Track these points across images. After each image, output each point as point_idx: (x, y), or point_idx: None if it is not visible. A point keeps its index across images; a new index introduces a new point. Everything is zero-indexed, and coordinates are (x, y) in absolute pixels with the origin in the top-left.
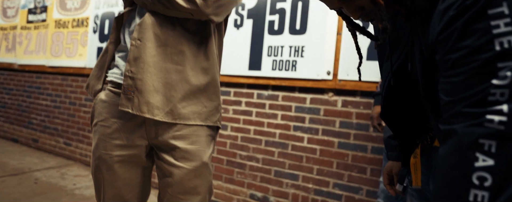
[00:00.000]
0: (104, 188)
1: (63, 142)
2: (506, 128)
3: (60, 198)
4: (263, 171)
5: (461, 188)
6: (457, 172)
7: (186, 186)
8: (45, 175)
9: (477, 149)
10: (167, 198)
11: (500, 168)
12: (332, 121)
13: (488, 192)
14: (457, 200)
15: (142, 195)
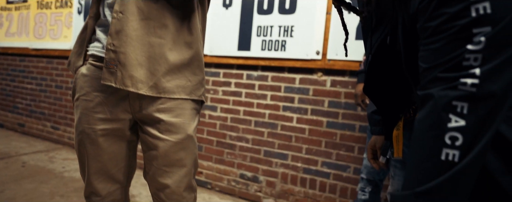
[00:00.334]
0: (88, 163)
1: (51, 126)
2: (477, 90)
3: (49, 181)
4: (252, 151)
5: (435, 148)
6: (431, 133)
7: (171, 159)
8: (32, 158)
9: (450, 111)
10: (153, 171)
11: (470, 128)
12: (321, 100)
13: (459, 151)
14: (431, 159)
15: (128, 170)
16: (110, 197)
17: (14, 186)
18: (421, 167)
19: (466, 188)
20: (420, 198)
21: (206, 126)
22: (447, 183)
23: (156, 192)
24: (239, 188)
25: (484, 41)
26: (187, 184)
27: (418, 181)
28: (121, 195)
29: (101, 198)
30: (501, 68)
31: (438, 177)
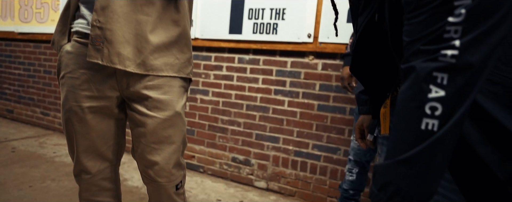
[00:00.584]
0: (77, 141)
1: (40, 112)
2: (457, 61)
3: (40, 165)
4: (244, 134)
5: (415, 118)
6: (412, 103)
7: (159, 136)
8: (22, 144)
9: (431, 82)
10: (141, 148)
11: (449, 98)
12: (312, 84)
13: (438, 120)
14: (411, 129)
15: (117, 148)
16: (100, 175)
17: (4, 170)
18: (402, 137)
19: (444, 156)
20: (400, 166)
21: (198, 110)
22: (426, 151)
23: (144, 170)
24: (231, 171)
25: (464, 13)
26: (175, 161)
27: (399, 150)
28: (111, 173)
29: (91, 176)
30: (480, 40)
31: (418, 145)
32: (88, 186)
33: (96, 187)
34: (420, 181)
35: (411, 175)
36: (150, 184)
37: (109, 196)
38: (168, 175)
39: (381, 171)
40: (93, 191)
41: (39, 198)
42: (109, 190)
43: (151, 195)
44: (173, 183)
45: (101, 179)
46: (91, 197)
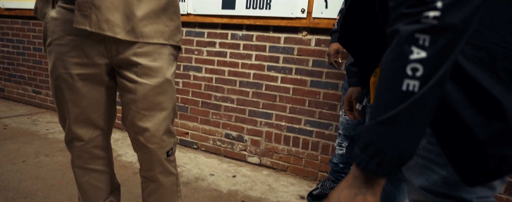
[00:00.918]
0: (68, 109)
1: (32, 90)
2: (439, 22)
3: (33, 142)
4: (237, 111)
5: (397, 79)
6: (394, 65)
7: (150, 102)
8: (15, 121)
9: (413, 43)
10: (132, 115)
11: (430, 60)
12: (305, 60)
13: (419, 81)
14: (393, 90)
15: (109, 116)
16: (92, 142)
17: None
18: (384, 98)
19: (424, 116)
20: (381, 127)
21: (191, 87)
22: (406, 111)
23: (135, 137)
24: (225, 147)
25: None
26: (166, 127)
27: (380, 111)
28: (103, 141)
29: (84, 143)
30: (461, 1)
31: (399, 106)
32: (80, 153)
33: (88, 154)
34: (400, 140)
35: (391, 135)
36: (141, 151)
37: (101, 165)
38: (159, 141)
39: (363, 132)
40: (85, 159)
41: (33, 172)
42: (101, 158)
43: (142, 162)
44: (164, 149)
45: (93, 147)
46: (84, 165)
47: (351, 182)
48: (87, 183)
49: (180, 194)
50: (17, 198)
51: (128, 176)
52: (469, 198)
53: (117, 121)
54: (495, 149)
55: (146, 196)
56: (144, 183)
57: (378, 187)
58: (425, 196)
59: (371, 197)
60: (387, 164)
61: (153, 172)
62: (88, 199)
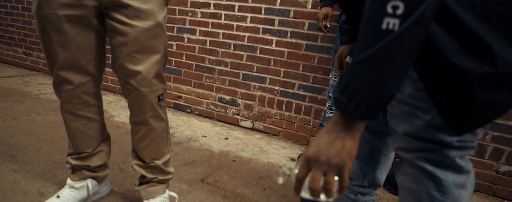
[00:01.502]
0: (56, 52)
1: (23, 52)
2: None
3: (25, 101)
4: (231, 75)
5: (377, 18)
6: (376, 4)
7: (142, 45)
8: (6, 82)
9: None
10: (122, 58)
11: None
12: (301, 23)
13: (399, 19)
14: (373, 29)
15: (98, 62)
16: (82, 87)
17: None
18: (364, 38)
19: (403, 55)
20: (359, 66)
21: (184, 50)
22: (384, 49)
23: (126, 80)
24: (218, 111)
25: None
26: (157, 71)
27: (360, 51)
28: (93, 88)
29: (73, 87)
30: None
31: (377, 45)
32: (69, 97)
33: (78, 100)
34: (378, 80)
35: (368, 74)
36: (131, 95)
37: (92, 112)
38: (151, 85)
39: (344, 74)
40: (75, 104)
41: (25, 129)
42: (91, 105)
43: (133, 107)
44: (155, 93)
45: (83, 93)
46: (73, 110)
47: (330, 128)
48: (77, 130)
49: (169, 142)
50: (9, 151)
51: (121, 135)
52: (450, 141)
53: (110, 84)
54: (483, 94)
55: (136, 141)
56: (135, 129)
57: (357, 132)
58: (409, 142)
59: (350, 141)
60: (364, 105)
61: (145, 116)
62: (78, 146)
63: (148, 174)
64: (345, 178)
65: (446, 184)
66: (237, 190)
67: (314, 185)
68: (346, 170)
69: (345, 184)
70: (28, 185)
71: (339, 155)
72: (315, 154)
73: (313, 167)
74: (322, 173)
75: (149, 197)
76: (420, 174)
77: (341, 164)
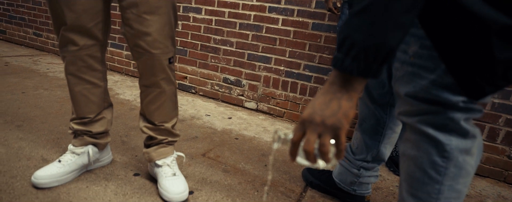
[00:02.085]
0: (63, 13)
1: (33, 33)
2: None
3: (33, 77)
4: (236, 54)
5: None
6: None
7: (151, 6)
8: (16, 60)
9: None
10: (132, 20)
11: None
12: (307, 0)
13: None
14: None
15: (104, 26)
16: (87, 50)
17: None
18: None
19: (403, 5)
20: (356, 17)
21: (190, 30)
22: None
23: (136, 43)
24: (222, 92)
25: None
26: (168, 32)
27: (357, 2)
28: (98, 52)
29: (78, 48)
30: None
31: None
32: (74, 59)
33: (83, 62)
34: (376, 31)
35: (365, 25)
36: (142, 57)
37: (96, 78)
38: (162, 46)
39: (341, 30)
40: (79, 66)
41: (32, 102)
42: (96, 70)
43: (143, 70)
44: (167, 55)
45: (88, 56)
46: (77, 73)
47: (327, 89)
48: (80, 94)
49: (177, 106)
50: (16, 121)
51: (125, 111)
52: (455, 101)
53: (117, 64)
54: (503, 51)
55: (146, 104)
56: (145, 92)
57: (355, 92)
58: (411, 104)
59: (347, 102)
60: (362, 59)
61: (156, 79)
62: (81, 111)
63: (157, 136)
64: (342, 140)
65: (449, 149)
66: (238, 165)
67: (308, 147)
68: (342, 132)
69: (342, 147)
70: (32, 152)
71: (334, 115)
72: (310, 115)
73: (308, 129)
74: (316, 135)
75: (161, 157)
76: (421, 139)
77: (336, 124)
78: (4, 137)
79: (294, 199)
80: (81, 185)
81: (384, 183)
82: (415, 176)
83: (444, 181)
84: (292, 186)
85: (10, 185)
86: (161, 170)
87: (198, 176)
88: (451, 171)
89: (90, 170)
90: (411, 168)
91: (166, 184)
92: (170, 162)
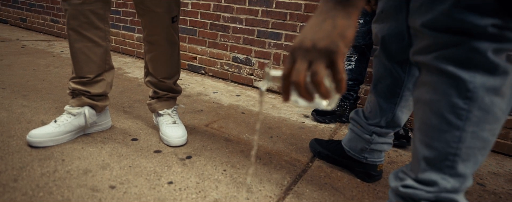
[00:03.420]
0: None
1: (50, 19)
2: None
3: (46, 57)
4: (246, 32)
5: None
6: None
7: None
8: (32, 44)
9: None
10: None
11: None
12: None
13: None
14: None
15: None
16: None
17: (12, 57)
18: None
19: None
20: None
21: (199, 8)
22: None
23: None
24: (232, 71)
25: None
26: None
27: None
28: (101, 10)
29: (81, 2)
30: None
31: None
32: (75, 12)
33: (85, 18)
34: None
35: None
36: (146, 15)
37: (97, 36)
38: (165, 5)
39: None
40: (80, 22)
41: (41, 77)
42: (98, 28)
43: (146, 25)
44: (170, 14)
45: (90, 11)
46: (78, 28)
47: (320, 9)
48: (80, 51)
49: (179, 64)
50: (22, 91)
51: (131, 86)
52: (483, 24)
53: (129, 47)
54: None
55: (149, 60)
56: (147, 47)
57: (353, 7)
58: (428, 37)
59: (343, 20)
60: None
61: (158, 37)
62: (80, 69)
63: (159, 91)
64: (339, 67)
65: (472, 88)
66: (242, 136)
67: (297, 77)
68: (338, 56)
69: (340, 75)
70: (33, 117)
71: (328, 37)
72: (299, 41)
73: (297, 57)
74: (307, 62)
75: (164, 108)
76: (439, 80)
77: (330, 47)
78: (9, 103)
79: (299, 168)
80: (77, 146)
81: (400, 158)
82: (430, 123)
83: (466, 127)
84: (298, 156)
85: (6, 143)
86: (163, 118)
87: (198, 143)
88: (475, 114)
89: (88, 134)
90: (426, 114)
91: (166, 130)
92: (171, 112)
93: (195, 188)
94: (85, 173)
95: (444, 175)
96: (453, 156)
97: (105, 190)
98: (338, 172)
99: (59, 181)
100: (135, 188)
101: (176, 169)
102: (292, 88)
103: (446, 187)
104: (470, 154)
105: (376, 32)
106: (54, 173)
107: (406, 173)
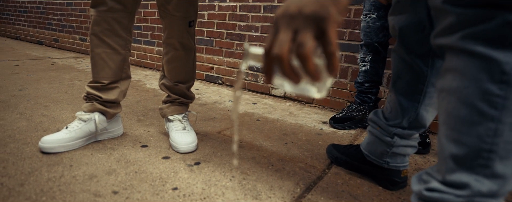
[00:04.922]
0: None
1: (79, 38)
2: None
3: (72, 72)
4: (262, 39)
5: None
6: None
7: None
8: (61, 61)
9: None
10: None
11: None
12: None
13: None
14: None
15: None
16: (113, 13)
17: (41, 73)
18: None
19: None
20: None
21: (216, 19)
22: None
23: (164, 4)
24: (249, 80)
25: None
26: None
27: None
28: (125, 19)
29: (105, 9)
30: None
31: None
32: (99, 19)
33: (107, 24)
34: None
35: None
36: (167, 18)
37: (117, 44)
38: (182, 11)
39: None
40: (103, 28)
41: (64, 89)
42: (119, 36)
43: (167, 27)
44: (187, 19)
45: (113, 19)
46: (100, 34)
47: None
48: (98, 56)
49: (194, 71)
50: (45, 102)
51: (148, 97)
52: None
53: (149, 61)
54: None
55: (165, 62)
56: (165, 49)
57: None
58: (452, 14)
59: None
60: None
61: (175, 40)
62: (97, 74)
63: (172, 94)
64: (330, 37)
65: (509, 70)
66: (255, 142)
67: (280, 49)
68: (329, 23)
69: (331, 48)
70: (50, 125)
71: (317, 0)
72: (284, 7)
73: (281, 26)
74: (291, 31)
75: (174, 113)
76: (467, 64)
77: (319, 13)
78: (30, 113)
79: (314, 175)
80: (86, 152)
81: (429, 164)
82: (458, 114)
83: (502, 117)
84: (314, 162)
85: (20, 150)
86: (173, 124)
87: (208, 150)
88: None
89: (99, 140)
90: (453, 104)
91: (176, 136)
92: (181, 118)
93: (200, 194)
94: (90, 178)
95: (477, 176)
96: (487, 153)
97: (107, 195)
98: (358, 179)
99: (64, 186)
100: (138, 193)
101: (182, 175)
102: (275, 67)
103: (480, 190)
104: (509, 150)
105: (393, 25)
106: (60, 178)
107: (431, 175)
